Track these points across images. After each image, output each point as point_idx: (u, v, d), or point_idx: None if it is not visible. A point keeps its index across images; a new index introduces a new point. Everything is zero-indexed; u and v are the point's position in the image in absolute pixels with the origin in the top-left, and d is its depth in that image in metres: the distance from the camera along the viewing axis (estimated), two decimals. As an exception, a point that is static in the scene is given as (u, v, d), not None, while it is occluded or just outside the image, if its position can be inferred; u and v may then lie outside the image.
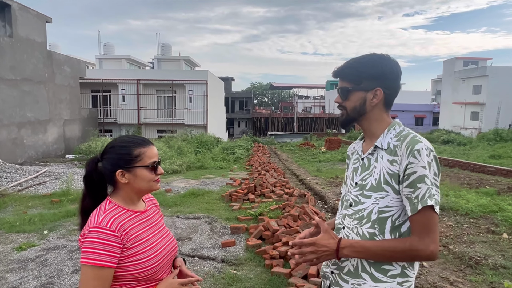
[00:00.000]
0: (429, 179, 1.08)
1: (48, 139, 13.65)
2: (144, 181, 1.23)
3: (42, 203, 6.38)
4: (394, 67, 1.23)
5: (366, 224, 1.18)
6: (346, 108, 1.28)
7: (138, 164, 1.21)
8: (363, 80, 1.22)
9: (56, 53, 14.67)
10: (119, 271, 1.15)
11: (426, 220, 1.07)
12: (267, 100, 63.65)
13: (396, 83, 1.24)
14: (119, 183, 1.22)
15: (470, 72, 30.83)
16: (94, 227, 1.11)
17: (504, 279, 3.26)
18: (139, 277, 1.18)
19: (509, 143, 15.70)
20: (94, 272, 1.08)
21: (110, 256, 1.10)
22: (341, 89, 1.28)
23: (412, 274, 1.16)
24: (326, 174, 9.79)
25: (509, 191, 7.06)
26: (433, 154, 1.11)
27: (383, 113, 1.25)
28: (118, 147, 1.23)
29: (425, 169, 1.08)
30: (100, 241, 1.10)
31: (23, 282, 3.23)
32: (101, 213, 1.16)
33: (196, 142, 15.38)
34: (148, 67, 33.24)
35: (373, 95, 1.22)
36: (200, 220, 5.28)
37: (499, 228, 4.72)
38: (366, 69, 1.22)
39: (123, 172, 1.20)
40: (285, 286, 3.10)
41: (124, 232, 1.15)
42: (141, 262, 1.18)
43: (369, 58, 1.24)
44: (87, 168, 1.25)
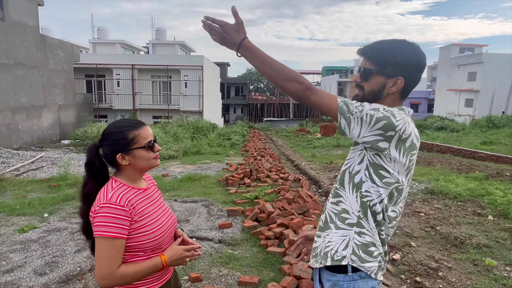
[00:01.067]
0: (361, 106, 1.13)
1: (43, 124, 13.61)
2: (143, 160, 1.32)
3: (41, 187, 6.46)
4: (421, 58, 1.21)
5: (337, 182, 1.32)
6: (363, 89, 1.27)
7: (135, 146, 1.29)
8: (387, 66, 1.21)
9: (49, 37, 14.46)
10: (128, 242, 1.26)
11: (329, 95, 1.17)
12: (263, 86, 63.36)
13: (419, 75, 1.23)
14: (121, 165, 1.32)
15: (466, 58, 30.88)
16: (105, 203, 1.22)
17: (486, 257, 3.45)
18: (146, 247, 1.29)
19: (501, 130, 15.94)
20: (108, 243, 1.19)
21: (121, 228, 1.21)
22: (364, 69, 1.26)
23: (367, 226, 1.21)
24: (320, 160, 9.94)
25: (498, 176, 7.27)
26: (391, 118, 1.11)
27: (396, 101, 1.25)
28: (112, 133, 1.31)
29: (368, 104, 1.14)
30: (111, 215, 1.20)
31: (28, 261, 3.36)
32: (109, 191, 1.26)
33: (192, 128, 15.42)
34: (143, 52, 32.82)
35: (393, 83, 1.22)
36: (197, 204, 5.42)
37: (485, 211, 4.91)
38: (393, 55, 1.20)
39: (122, 155, 1.29)
40: (280, 264, 3.26)
41: (131, 206, 1.26)
42: (147, 233, 1.29)
43: (399, 45, 1.22)
44: (89, 155, 1.32)
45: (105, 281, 1.20)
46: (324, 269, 1.27)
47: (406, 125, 1.14)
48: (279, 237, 3.84)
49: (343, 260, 1.21)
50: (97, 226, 1.20)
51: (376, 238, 1.22)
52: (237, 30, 1.20)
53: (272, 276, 3.07)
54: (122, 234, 1.21)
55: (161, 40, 28.34)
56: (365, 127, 1.12)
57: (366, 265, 1.20)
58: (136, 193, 1.32)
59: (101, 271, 1.19)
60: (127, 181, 1.33)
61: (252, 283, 2.91)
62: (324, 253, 1.26)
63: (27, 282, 2.97)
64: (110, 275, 1.19)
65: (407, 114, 1.22)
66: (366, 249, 1.20)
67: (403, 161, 1.17)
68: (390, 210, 1.23)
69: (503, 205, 4.91)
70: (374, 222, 1.21)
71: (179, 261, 1.35)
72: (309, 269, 2.93)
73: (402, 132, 1.13)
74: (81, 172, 8.00)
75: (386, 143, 1.13)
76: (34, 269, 3.18)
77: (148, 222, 1.30)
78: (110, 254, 1.19)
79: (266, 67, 1.19)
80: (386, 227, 1.25)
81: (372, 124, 1.11)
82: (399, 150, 1.15)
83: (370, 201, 1.20)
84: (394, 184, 1.20)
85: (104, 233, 1.19)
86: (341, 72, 47.08)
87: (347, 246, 1.21)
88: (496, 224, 4.41)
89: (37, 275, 3.08)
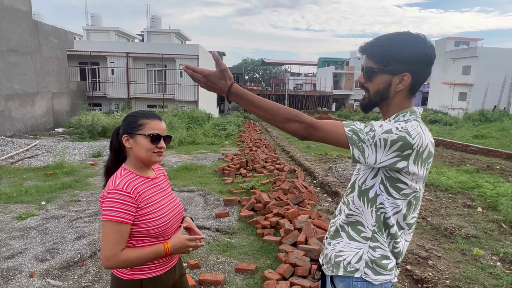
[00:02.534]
0: (372, 131, 1.06)
1: (36, 112, 13.47)
2: (142, 149, 1.35)
3: (37, 175, 6.47)
4: (428, 50, 1.11)
5: (350, 194, 1.26)
6: (369, 90, 1.20)
7: (139, 132, 1.35)
8: (391, 62, 1.12)
9: (42, 23, 14.20)
10: (134, 228, 1.32)
11: (334, 125, 1.09)
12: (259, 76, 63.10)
13: (427, 69, 1.14)
14: (127, 149, 1.39)
15: (461, 52, 31.02)
16: (112, 189, 1.28)
17: (474, 247, 3.59)
18: (152, 233, 1.35)
19: (493, 124, 16.19)
20: (113, 226, 1.26)
21: (126, 213, 1.27)
22: (366, 68, 1.18)
23: (381, 240, 1.17)
24: (315, 151, 10.04)
25: (488, 169, 7.44)
26: (407, 137, 1.04)
27: (405, 99, 1.17)
28: (129, 116, 1.41)
29: (379, 127, 1.07)
30: (118, 201, 1.26)
31: (28, 248, 3.41)
32: (118, 178, 1.32)
33: (187, 117, 15.38)
34: (137, 39, 32.37)
35: (400, 80, 1.13)
36: (194, 193, 5.48)
37: (474, 203, 5.06)
38: (396, 50, 1.11)
39: (127, 137, 1.36)
40: (276, 252, 3.35)
41: (138, 194, 1.32)
42: (153, 220, 1.34)
43: (402, 38, 1.12)
44: (112, 137, 1.46)
45: (108, 262, 1.26)
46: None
47: (422, 138, 1.07)
48: (275, 226, 3.94)
49: (355, 272, 1.18)
50: (104, 210, 1.27)
51: (390, 252, 1.19)
52: (222, 77, 1.12)
53: (269, 264, 3.16)
54: (126, 219, 1.27)
55: (156, 28, 27.94)
56: (380, 153, 1.06)
57: (380, 278, 1.17)
58: (144, 181, 1.38)
59: (105, 252, 1.25)
60: (135, 169, 1.39)
61: (249, 270, 3.00)
62: (336, 262, 1.22)
63: (29, 267, 3.02)
64: (113, 257, 1.25)
65: (419, 117, 1.17)
66: (380, 263, 1.17)
67: (422, 173, 1.12)
68: (410, 218, 1.19)
69: (492, 197, 5.06)
70: (388, 236, 1.18)
71: (182, 250, 1.39)
72: (305, 257, 3.03)
73: (419, 147, 1.07)
74: (77, 161, 8.01)
75: (405, 162, 1.07)
76: (35, 255, 3.23)
77: (154, 210, 1.35)
78: (114, 238, 1.25)
79: (261, 111, 1.13)
80: (406, 234, 1.21)
81: (388, 147, 1.05)
82: (417, 164, 1.09)
83: (385, 213, 1.16)
84: (412, 194, 1.15)
85: (110, 217, 1.25)
86: (337, 64, 47.02)
87: (360, 259, 1.18)
88: (485, 215, 4.56)
89: (38, 261, 3.13)
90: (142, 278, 1.36)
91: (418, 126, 1.09)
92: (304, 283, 2.72)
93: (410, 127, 1.07)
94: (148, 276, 1.37)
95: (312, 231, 3.45)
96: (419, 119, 1.15)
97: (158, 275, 1.40)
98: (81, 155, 8.68)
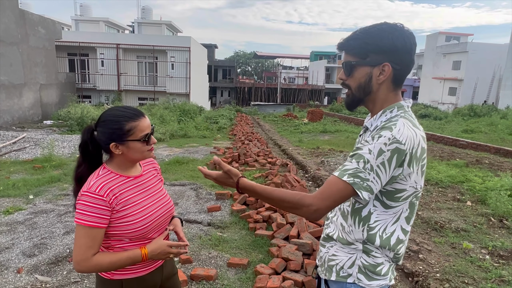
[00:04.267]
0: (367, 163, 1.01)
1: (24, 104, 13.19)
2: (137, 152, 1.29)
3: (24, 168, 6.34)
4: (406, 38, 1.07)
5: (346, 202, 1.17)
6: (350, 87, 1.16)
7: (130, 138, 1.25)
8: (369, 54, 1.09)
9: (29, 13, 13.82)
10: (111, 230, 1.25)
11: (333, 188, 1.03)
12: (251, 69, 62.80)
13: (408, 57, 1.09)
14: (113, 153, 1.29)
15: (451, 47, 31.30)
16: (85, 191, 1.21)
17: (463, 240, 3.63)
18: (131, 236, 1.28)
19: (482, 119, 16.39)
20: (84, 230, 1.20)
21: (98, 217, 1.20)
22: (345, 63, 1.14)
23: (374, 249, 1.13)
24: (307, 145, 10.05)
25: (477, 163, 7.55)
26: (398, 146, 1.00)
27: (390, 92, 1.13)
28: (109, 121, 1.26)
29: (370, 153, 1.01)
30: (89, 204, 1.19)
31: (15, 243, 3.33)
32: (93, 179, 1.24)
33: (179, 110, 15.22)
34: (128, 31, 31.84)
35: (380, 71, 1.09)
36: (185, 187, 5.44)
37: (464, 197, 5.12)
38: (373, 41, 1.08)
39: (116, 145, 1.25)
40: (268, 246, 3.34)
41: (113, 196, 1.24)
42: (131, 223, 1.26)
43: (377, 28, 1.09)
44: (83, 137, 1.29)
45: (79, 267, 1.21)
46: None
47: (412, 138, 1.03)
48: (267, 220, 3.93)
49: (348, 278, 1.15)
50: (77, 213, 1.21)
51: (386, 259, 1.14)
52: (228, 177, 1.23)
53: (261, 258, 3.15)
54: (98, 223, 1.20)
55: (147, 19, 27.49)
56: (383, 177, 1.02)
57: (374, 283, 1.13)
58: (123, 182, 1.30)
59: (76, 256, 1.20)
60: (117, 168, 1.31)
61: (241, 265, 2.99)
62: (329, 266, 1.20)
63: (16, 263, 2.96)
64: (83, 261, 1.20)
65: (407, 111, 1.12)
66: (374, 269, 1.13)
67: (417, 171, 1.07)
68: (413, 217, 1.15)
69: (481, 191, 5.13)
70: (385, 247, 1.12)
71: (162, 256, 1.32)
72: (297, 251, 3.02)
73: (412, 149, 1.03)
74: (66, 154, 7.87)
75: (399, 168, 1.04)
76: (22, 251, 3.16)
77: (133, 212, 1.28)
78: (85, 242, 1.20)
79: (269, 201, 1.15)
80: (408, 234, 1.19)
81: (387, 168, 1.01)
82: (412, 166, 1.04)
83: (378, 230, 1.11)
84: (413, 194, 1.10)
85: (80, 220, 1.19)
86: (329, 57, 46.99)
87: (353, 264, 1.14)
88: (474, 209, 4.62)
89: (25, 257, 3.07)
90: (122, 278, 1.31)
91: (406, 126, 1.04)
92: (296, 277, 2.71)
93: (397, 133, 1.01)
94: (129, 277, 1.31)
95: (305, 225, 3.45)
96: (407, 115, 1.10)
97: (140, 276, 1.33)
98: (70, 148, 8.53)
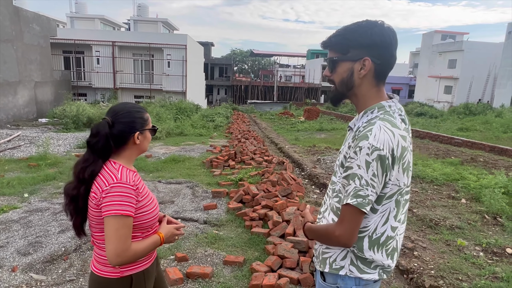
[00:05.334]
0: (361, 179, 1.06)
1: (18, 101, 13.07)
2: (148, 141, 1.41)
3: (19, 167, 6.29)
4: (386, 34, 1.12)
5: (335, 198, 1.22)
6: (334, 82, 1.21)
7: (148, 127, 1.39)
8: (350, 49, 1.14)
9: (23, 10, 13.69)
10: (133, 221, 1.29)
11: (345, 212, 1.10)
12: (247, 67, 62.67)
13: (388, 52, 1.13)
14: (129, 145, 1.33)
15: (447, 46, 31.42)
16: (116, 183, 1.23)
17: (457, 237, 3.66)
18: (144, 226, 1.34)
19: (477, 117, 16.49)
20: (122, 221, 1.22)
21: (132, 207, 1.25)
22: (328, 60, 1.20)
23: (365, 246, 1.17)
24: (304, 143, 10.07)
25: (472, 162, 7.61)
26: (378, 153, 1.04)
27: (372, 87, 1.16)
28: (134, 111, 1.36)
29: (359, 168, 1.06)
30: (124, 194, 1.23)
31: (10, 241, 3.31)
32: (116, 172, 1.26)
33: (175, 108, 15.17)
34: (124, 28, 31.63)
35: (361, 66, 1.13)
36: (182, 185, 5.43)
37: (458, 194, 5.16)
38: (353, 37, 1.13)
39: (139, 134, 1.35)
40: (264, 244, 3.35)
41: (136, 186, 1.29)
42: (147, 213, 1.34)
43: (358, 25, 1.14)
44: (103, 132, 1.27)
45: (120, 259, 1.22)
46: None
47: (389, 141, 1.06)
48: (264, 218, 3.93)
49: (341, 270, 1.20)
50: (110, 205, 1.21)
51: (377, 260, 1.19)
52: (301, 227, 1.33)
53: (257, 256, 3.16)
54: (132, 212, 1.26)
55: (143, 16, 27.34)
56: (378, 187, 1.08)
57: (364, 276, 1.18)
58: (135, 175, 1.35)
59: (116, 248, 1.21)
60: (125, 163, 1.35)
61: (237, 262, 3.00)
62: (323, 258, 1.25)
63: (11, 262, 2.95)
64: (124, 252, 1.22)
65: (388, 112, 1.14)
66: (365, 261, 1.18)
67: (399, 169, 1.10)
68: (400, 214, 1.18)
69: (475, 189, 5.17)
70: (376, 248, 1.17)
71: (171, 239, 1.44)
72: (293, 249, 3.03)
73: (391, 151, 1.06)
74: (61, 152, 7.82)
75: (388, 172, 1.08)
76: (17, 249, 3.15)
77: (147, 202, 1.35)
78: (124, 232, 1.22)
79: (320, 241, 1.26)
80: (400, 230, 1.22)
81: (379, 177, 1.06)
82: (393, 165, 1.08)
83: (367, 234, 1.16)
84: (397, 192, 1.13)
85: (119, 211, 1.21)
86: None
87: (345, 257, 1.19)
88: (469, 207, 4.66)
89: (20, 255, 3.05)
90: (132, 273, 1.35)
91: (382, 129, 1.06)
92: (292, 275, 2.72)
93: (373, 140, 1.05)
94: (137, 270, 1.37)
95: (300, 223, 3.46)
96: (387, 115, 1.12)
97: (146, 268, 1.40)
98: (66, 146, 8.49)
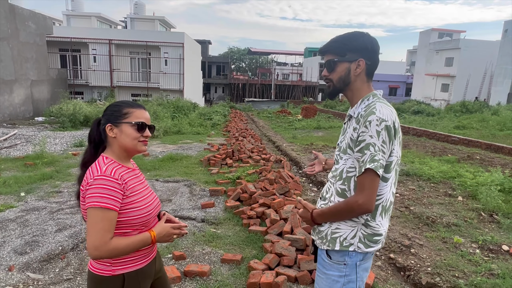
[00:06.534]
0: (375, 146, 1.27)
1: (14, 100, 13.00)
2: (128, 138, 1.33)
3: (16, 166, 6.26)
4: (373, 41, 1.41)
5: (339, 181, 1.42)
6: (332, 80, 1.44)
7: (125, 121, 1.34)
8: (347, 52, 1.39)
9: (19, 7, 13.58)
10: (119, 217, 1.27)
11: (364, 179, 1.28)
12: (245, 65, 62.58)
13: (376, 56, 1.42)
14: (109, 138, 1.35)
15: (444, 44, 31.49)
16: (99, 175, 1.23)
17: (454, 235, 3.68)
18: (135, 223, 1.32)
19: (473, 115, 16.54)
20: (102, 213, 1.21)
21: (114, 200, 1.23)
22: (328, 61, 1.43)
23: (373, 223, 1.38)
24: (301, 141, 10.08)
25: (468, 159, 7.64)
26: (385, 124, 1.27)
27: (364, 83, 1.42)
28: (112, 105, 1.39)
29: (372, 138, 1.27)
30: (105, 187, 1.22)
31: (7, 240, 3.30)
32: (103, 165, 1.28)
33: (172, 107, 15.13)
34: (120, 26, 31.49)
35: (356, 65, 1.39)
36: (179, 183, 5.43)
37: (455, 192, 5.19)
38: (350, 42, 1.39)
39: (111, 126, 1.33)
40: (262, 242, 3.36)
41: (123, 181, 1.29)
42: (137, 210, 1.32)
43: (352, 34, 1.42)
44: (92, 126, 1.41)
45: (97, 252, 1.21)
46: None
47: (391, 114, 1.31)
48: (261, 216, 3.94)
49: (350, 247, 1.39)
50: (91, 197, 1.21)
51: (382, 228, 1.40)
52: (306, 212, 1.49)
53: (255, 254, 3.17)
54: (114, 206, 1.24)
55: (140, 14, 27.22)
56: (387, 152, 1.30)
57: (370, 250, 1.39)
58: (127, 171, 1.35)
59: (94, 241, 1.20)
60: (117, 158, 1.35)
61: (235, 261, 3.00)
62: (333, 238, 1.41)
63: (7, 261, 2.93)
64: (102, 246, 1.20)
65: (380, 98, 1.40)
66: (371, 238, 1.39)
67: (397, 141, 1.33)
68: (396, 181, 1.42)
69: (472, 187, 5.20)
70: (383, 214, 1.39)
71: (167, 238, 1.39)
72: (290, 247, 3.04)
73: (393, 123, 1.30)
74: (58, 151, 7.79)
75: (394, 141, 1.32)
76: (14, 249, 3.13)
77: (138, 199, 1.33)
78: (103, 225, 1.21)
79: (336, 219, 1.41)
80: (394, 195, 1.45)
81: (387, 144, 1.28)
82: (396, 137, 1.32)
83: (381, 203, 1.37)
84: (395, 163, 1.35)
85: (98, 203, 1.20)
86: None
87: (355, 235, 1.39)
88: (465, 204, 4.68)
89: (17, 254, 3.04)
90: (124, 272, 1.33)
91: (383, 106, 1.33)
92: (289, 272, 2.73)
93: (380, 113, 1.29)
94: (130, 269, 1.34)
95: (298, 221, 3.47)
96: (381, 100, 1.38)
97: (140, 268, 1.37)
98: (63, 144, 8.45)
